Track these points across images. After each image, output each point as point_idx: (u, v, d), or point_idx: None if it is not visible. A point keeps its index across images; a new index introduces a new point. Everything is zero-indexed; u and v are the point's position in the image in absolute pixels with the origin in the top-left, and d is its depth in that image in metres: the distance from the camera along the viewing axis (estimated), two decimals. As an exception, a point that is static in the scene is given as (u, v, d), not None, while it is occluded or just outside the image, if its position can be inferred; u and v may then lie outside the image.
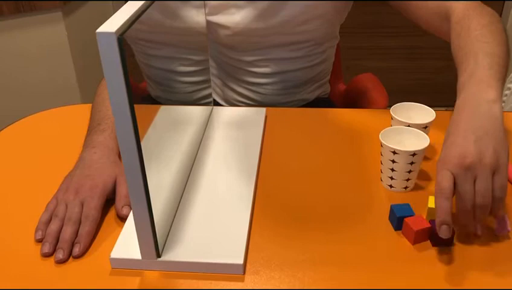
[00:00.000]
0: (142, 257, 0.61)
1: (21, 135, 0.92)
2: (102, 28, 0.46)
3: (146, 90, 1.16)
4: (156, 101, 1.11)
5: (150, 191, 0.56)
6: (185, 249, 0.63)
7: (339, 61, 1.29)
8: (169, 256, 0.61)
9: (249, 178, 0.76)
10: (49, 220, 0.68)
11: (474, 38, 0.75)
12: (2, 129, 0.94)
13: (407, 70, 2.29)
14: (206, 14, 0.96)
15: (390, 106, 0.81)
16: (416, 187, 0.75)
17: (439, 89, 2.35)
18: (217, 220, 0.68)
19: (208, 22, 0.96)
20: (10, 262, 0.64)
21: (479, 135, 0.61)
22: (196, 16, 0.92)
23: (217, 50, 1.02)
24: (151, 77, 1.10)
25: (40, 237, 0.66)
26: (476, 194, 0.60)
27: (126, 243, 0.63)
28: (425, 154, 0.79)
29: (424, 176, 0.77)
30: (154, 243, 0.59)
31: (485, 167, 0.60)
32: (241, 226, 0.66)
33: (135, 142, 0.52)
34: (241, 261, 0.60)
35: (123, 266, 0.62)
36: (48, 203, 0.71)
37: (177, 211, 0.69)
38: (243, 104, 1.09)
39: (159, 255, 0.61)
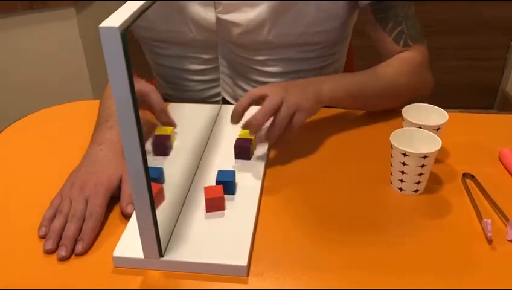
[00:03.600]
0: (144, 256, 0.60)
1: (29, 130, 0.92)
2: (105, 23, 0.45)
3: (157, 88, 1.15)
4: (165, 100, 1.11)
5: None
6: (188, 249, 0.62)
7: (351, 61, 1.27)
8: (172, 256, 0.61)
9: (256, 178, 0.74)
10: (53, 217, 0.68)
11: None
12: (12, 123, 0.94)
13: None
14: (218, 12, 0.95)
15: (402, 107, 0.80)
16: (427, 190, 0.73)
17: (452, 90, 2.32)
18: (222, 220, 0.67)
19: (220, 20, 0.95)
20: (13, 258, 0.63)
21: (299, 88, 0.80)
22: (204, 13, 0.91)
23: (228, 48, 1.01)
24: (161, 75, 1.10)
25: (43, 233, 0.66)
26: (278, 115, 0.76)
27: (129, 242, 0.62)
28: (437, 157, 0.77)
29: (435, 179, 0.75)
30: (157, 242, 0.59)
31: (290, 105, 0.77)
32: (246, 227, 0.65)
33: (138, 139, 0.51)
34: (245, 263, 0.59)
35: (125, 265, 0.61)
36: (52, 200, 0.70)
37: (181, 209, 0.69)
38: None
39: (161, 255, 0.60)
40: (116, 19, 0.46)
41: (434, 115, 0.78)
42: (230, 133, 0.85)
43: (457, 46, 2.26)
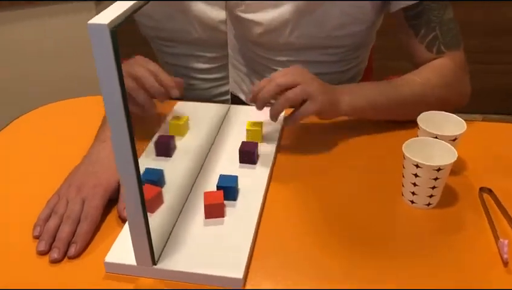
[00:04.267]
0: (137, 263, 0.58)
1: (37, 124, 0.91)
2: (94, 20, 0.43)
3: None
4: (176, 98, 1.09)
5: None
6: (183, 258, 0.59)
7: (370, 62, 1.23)
8: (166, 264, 0.58)
9: (260, 184, 0.71)
10: (49, 217, 0.66)
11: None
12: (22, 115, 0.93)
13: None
14: (240, 11, 0.93)
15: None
16: (441, 204, 0.69)
17: (475, 94, 2.23)
18: (221, 227, 0.64)
19: (241, 19, 0.94)
20: (6, 257, 0.62)
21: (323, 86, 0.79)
22: (209, 12, 0.89)
23: (248, 48, 1.00)
24: (169, 74, 1.08)
25: (37, 234, 0.64)
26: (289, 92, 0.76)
27: (122, 248, 0.60)
28: (453, 169, 0.73)
29: (449, 192, 0.71)
30: (149, 249, 0.56)
31: (304, 90, 0.76)
32: (246, 236, 0.62)
33: (129, 139, 0.48)
34: (240, 275, 0.56)
35: (117, 271, 0.59)
36: (49, 199, 0.68)
37: (179, 214, 0.66)
38: (269, 105, 1.06)
39: (154, 263, 0.58)
40: (107, 15, 0.43)
41: (451, 124, 0.74)
42: (238, 135, 0.82)
43: (481, 50, 2.18)
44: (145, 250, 0.56)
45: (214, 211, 0.64)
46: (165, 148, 0.76)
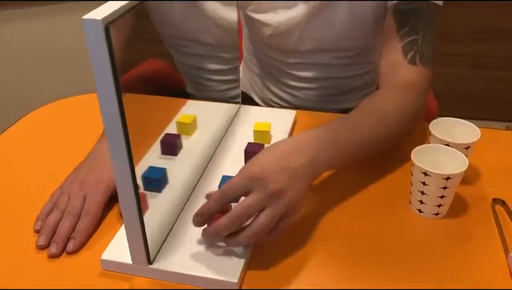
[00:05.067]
0: (132, 262, 0.57)
1: (46, 120, 0.92)
2: (89, 15, 0.42)
3: (183, 84, 1.13)
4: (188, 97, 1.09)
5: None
6: (180, 259, 0.58)
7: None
8: (162, 264, 0.57)
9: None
10: (52, 211, 0.66)
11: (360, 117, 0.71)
12: (29, 112, 0.94)
13: (468, 79, 2.12)
14: (250, 11, 0.92)
15: (442, 116, 0.73)
16: (450, 214, 0.66)
17: (500, 103, 2.17)
18: (220, 230, 0.62)
19: (251, 19, 0.93)
20: (7, 250, 0.62)
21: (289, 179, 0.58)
22: (221, 12, 0.88)
23: (260, 49, 1.00)
24: (185, 74, 1.08)
25: (38, 228, 0.64)
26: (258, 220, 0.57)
27: (120, 246, 0.59)
28: (465, 178, 0.70)
29: (460, 202, 0.68)
30: (145, 249, 0.55)
31: (277, 211, 0.57)
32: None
33: (123, 138, 0.48)
34: (235, 279, 0.55)
35: (113, 269, 0.58)
36: (53, 193, 0.69)
37: (179, 216, 0.65)
38: (278, 106, 1.05)
39: (150, 262, 0.57)
40: (102, 11, 0.43)
41: (465, 131, 0.71)
42: (245, 136, 0.81)
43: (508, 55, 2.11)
44: (140, 249, 0.55)
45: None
46: (171, 147, 0.75)
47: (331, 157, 0.63)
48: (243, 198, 0.57)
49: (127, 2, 0.45)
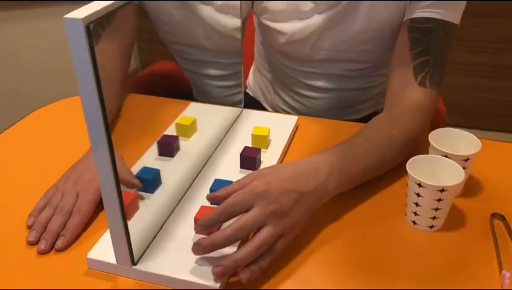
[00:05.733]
0: (117, 262, 0.57)
1: (48, 120, 0.93)
2: (71, 14, 0.42)
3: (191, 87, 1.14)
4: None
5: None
6: (165, 261, 0.58)
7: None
8: (146, 266, 0.57)
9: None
10: (45, 207, 0.67)
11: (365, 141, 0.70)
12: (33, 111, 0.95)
13: (486, 89, 2.07)
14: (265, 19, 0.92)
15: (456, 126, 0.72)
16: (446, 228, 0.64)
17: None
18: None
19: (266, 27, 0.94)
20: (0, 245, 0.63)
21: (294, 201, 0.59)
22: (222, 19, 0.89)
23: (273, 55, 1.00)
24: (191, 81, 1.09)
25: (30, 224, 0.65)
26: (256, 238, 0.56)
27: (106, 245, 0.59)
28: (464, 191, 0.69)
29: (457, 215, 0.66)
30: (128, 249, 0.55)
31: (276, 231, 0.57)
32: (231, 246, 0.60)
33: (105, 135, 0.48)
34: (217, 285, 0.54)
35: (99, 268, 0.58)
36: (47, 190, 0.69)
37: (169, 217, 0.65)
38: (287, 114, 1.04)
39: (134, 263, 0.57)
40: (84, 11, 0.43)
41: (466, 142, 0.69)
42: (244, 140, 0.80)
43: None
44: (124, 250, 0.55)
45: None
46: (168, 149, 0.75)
47: (338, 185, 0.64)
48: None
49: (112, 2, 0.45)
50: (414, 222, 0.64)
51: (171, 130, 0.81)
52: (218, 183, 0.67)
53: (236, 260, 0.55)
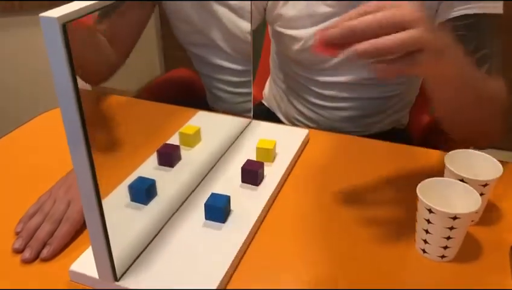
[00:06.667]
0: (99, 276, 0.54)
1: (56, 122, 0.91)
2: (48, 13, 0.40)
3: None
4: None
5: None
6: (149, 278, 0.54)
7: (422, 89, 1.12)
8: (128, 282, 0.54)
9: (256, 208, 0.65)
10: (36, 212, 0.65)
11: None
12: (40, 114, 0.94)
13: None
14: (278, 26, 0.90)
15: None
16: (459, 258, 0.59)
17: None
18: (197, 254, 0.58)
19: (280, 34, 0.91)
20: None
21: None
22: (237, 21, 0.87)
23: (287, 65, 0.98)
24: (204, 84, 1.07)
25: (19, 230, 0.63)
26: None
27: (90, 258, 0.56)
28: (483, 219, 0.63)
29: (473, 245, 0.60)
30: (110, 265, 0.52)
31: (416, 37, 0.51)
32: (219, 268, 0.55)
33: (84, 143, 0.45)
34: None
35: (80, 281, 0.55)
36: (41, 195, 0.67)
37: (160, 231, 0.61)
38: (302, 125, 1.00)
39: (116, 279, 0.54)
40: (61, 10, 0.40)
41: (486, 166, 0.63)
42: (249, 153, 0.76)
43: None
44: (105, 265, 0.52)
45: None
46: (167, 158, 0.72)
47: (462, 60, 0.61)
48: None
49: (93, 2, 0.42)
50: (424, 251, 0.59)
51: (174, 139, 0.78)
52: (215, 198, 0.63)
53: (352, 27, 0.49)
